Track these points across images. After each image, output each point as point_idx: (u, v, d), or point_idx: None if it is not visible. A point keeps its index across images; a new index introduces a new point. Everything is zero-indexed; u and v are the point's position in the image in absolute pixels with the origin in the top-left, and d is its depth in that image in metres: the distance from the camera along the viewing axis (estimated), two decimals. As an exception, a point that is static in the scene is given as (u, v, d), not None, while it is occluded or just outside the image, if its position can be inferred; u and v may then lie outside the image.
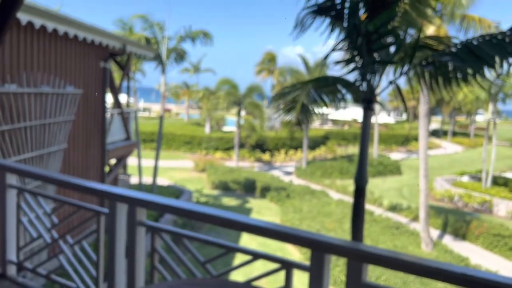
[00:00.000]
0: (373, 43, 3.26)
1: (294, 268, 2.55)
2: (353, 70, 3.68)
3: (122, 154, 12.80)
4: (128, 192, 3.19)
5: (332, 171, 28.90)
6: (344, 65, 3.73)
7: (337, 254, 2.37)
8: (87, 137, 10.43)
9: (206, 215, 2.87)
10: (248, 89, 26.55)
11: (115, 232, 3.22)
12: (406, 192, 27.06)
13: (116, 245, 3.23)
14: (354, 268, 2.27)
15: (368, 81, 3.40)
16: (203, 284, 2.47)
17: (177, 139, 33.11)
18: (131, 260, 3.15)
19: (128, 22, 16.27)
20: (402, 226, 17.20)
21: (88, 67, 10.24)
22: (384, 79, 3.73)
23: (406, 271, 2.21)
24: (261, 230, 2.56)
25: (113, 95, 12.06)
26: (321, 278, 2.36)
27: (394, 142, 44.44)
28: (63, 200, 3.63)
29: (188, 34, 16.12)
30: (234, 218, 2.67)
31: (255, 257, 2.70)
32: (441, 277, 2.07)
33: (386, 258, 2.22)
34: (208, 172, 25.09)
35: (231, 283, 2.55)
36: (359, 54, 3.36)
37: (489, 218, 20.34)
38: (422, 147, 16.08)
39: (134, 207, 3.11)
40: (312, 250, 2.40)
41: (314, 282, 2.39)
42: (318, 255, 2.37)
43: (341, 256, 2.38)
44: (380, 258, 2.22)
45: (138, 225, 3.11)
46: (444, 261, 2.02)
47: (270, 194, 20.41)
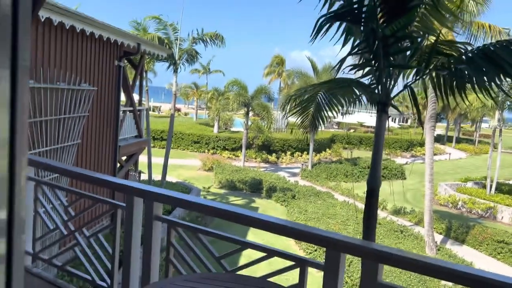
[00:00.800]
0: (389, 47, 3.32)
1: (308, 266, 2.61)
2: (368, 73, 3.75)
3: (133, 151, 12.93)
4: (146, 186, 3.27)
5: (337, 174, 28.93)
6: (359, 68, 3.79)
7: (352, 254, 2.42)
8: (100, 133, 10.56)
9: (221, 211, 2.94)
10: (256, 91, 26.65)
11: (131, 226, 3.30)
12: (410, 196, 27.02)
13: (132, 238, 3.30)
14: (369, 267, 2.32)
15: (384, 85, 3.45)
16: (219, 278, 2.55)
17: (186, 138, 33.29)
18: (147, 253, 3.22)
19: (142, 22, 16.49)
20: (406, 230, 17.20)
21: (103, 65, 10.37)
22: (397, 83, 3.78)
23: (422, 273, 2.26)
24: (276, 227, 2.62)
25: (126, 93, 12.18)
26: (336, 277, 2.41)
27: (399, 147, 44.41)
28: (81, 193, 3.72)
29: (200, 36, 16.28)
30: (250, 214, 2.73)
31: (270, 254, 2.76)
32: (458, 280, 2.10)
33: (401, 259, 2.27)
34: (215, 171, 25.21)
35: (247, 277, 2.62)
36: (375, 57, 3.42)
37: (493, 224, 20.27)
38: (428, 152, 16.07)
39: (151, 202, 3.18)
40: (327, 249, 2.46)
41: (329, 280, 2.44)
42: (333, 253, 2.42)
43: (356, 255, 2.44)
44: (395, 258, 2.27)
45: (155, 219, 3.18)
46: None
47: (276, 194, 20.48)
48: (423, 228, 18.33)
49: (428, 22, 3.29)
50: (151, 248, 3.22)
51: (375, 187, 3.63)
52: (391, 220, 18.08)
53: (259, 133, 31.07)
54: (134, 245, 3.34)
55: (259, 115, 27.87)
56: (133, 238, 3.32)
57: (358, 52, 3.65)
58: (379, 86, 3.52)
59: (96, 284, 3.64)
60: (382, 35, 3.22)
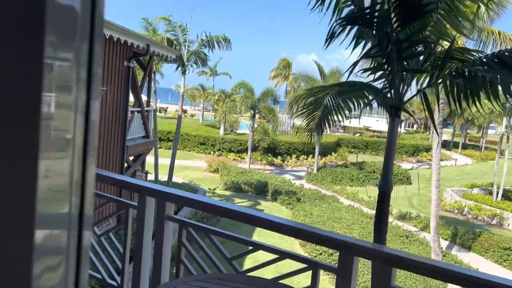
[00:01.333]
0: (403, 51, 3.33)
1: (320, 268, 2.62)
2: (380, 77, 3.75)
3: (140, 151, 13.00)
4: (158, 186, 3.29)
5: (343, 178, 28.89)
6: (371, 72, 3.80)
7: (365, 257, 2.44)
8: (109, 133, 10.64)
9: (234, 212, 2.96)
10: (263, 93, 26.70)
11: (143, 225, 3.32)
12: (415, 201, 26.93)
13: (144, 237, 3.33)
14: (381, 271, 2.32)
15: (397, 89, 3.46)
16: (231, 279, 2.57)
17: (192, 140, 33.40)
18: (158, 252, 3.24)
19: (153, 23, 16.56)
20: (412, 235, 17.14)
21: (112, 65, 10.45)
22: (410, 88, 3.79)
23: (433, 277, 2.26)
24: (292, 230, 2.64)
25: (134, 93, 12.26)
26: (348, 280, 2.41)
27: (405, 152, 44.28)
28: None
29: (209, 38, 16.35)
30: (264, 217, 2.74)
31: (282, 256, 2.78)
32: (469, 284, 2.10)
33: (414, 262, 2.28)
34: (221, 172, 25.26)
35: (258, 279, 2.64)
36: (388, 61, 3.43)
37: (500, 231, 20.15)
38: (435, 158, 16.02)
39: (163, 202, 3.20)
40: (340, 252, 2.47)
41: (341, 283, 2.45)
42: (346, 257, 2.43)
43: (369, 259, 2.45)
44: (407, 261, 2.27)
45: (167, 219, 3.21)
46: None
47: (281, 197, 20.48)
48: (429, 233, 18.28)
49: (442, 27, 3.30)
50: (162, 248, 3.24)
51: (386, 191, 3.64)
52: (396, 225, 18.02)
53: (265, 136, 31.12)
54: (146, 244, 3.36)
55: (265, 117, 27.91)
56: (144, 237, 3.34)
57: (371, 56, 3.67)
58: (391, 90, 3.54)
59: (105, 283, 3.67)
60: (396, 39, 3.23)
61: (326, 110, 4.25)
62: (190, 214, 14.03)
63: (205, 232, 3.08)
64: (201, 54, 16.71)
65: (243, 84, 26.74)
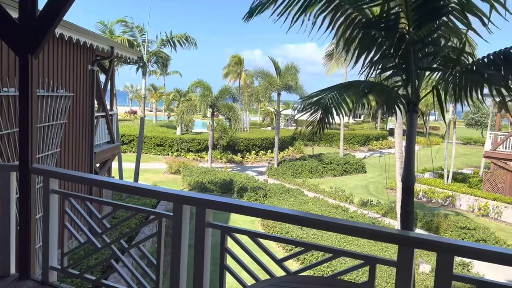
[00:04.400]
0: (418, 51, 3.52)
1: (378, 263, 2.72)
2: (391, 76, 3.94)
3: (107, 157, 12.60)
4: (195, 194, 3.27)
5: (302, 170, 29.47)
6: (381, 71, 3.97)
7: (426, 249, 2.57)
8: (77, 140, 10.23)
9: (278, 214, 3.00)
10: (220, 91, 26.61)
11: (180, 234, 3.27)
12: (372, 189, 27.98)
13: (181, 246, 3.28)
14: (443, 261, 2.46)
15: (413, 86, 3.65)
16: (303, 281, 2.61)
17: (148, 141, 32.65)
18: (199, 261, 3.20)
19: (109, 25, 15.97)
20: (378, 222, 17.86)
21: (76, 69, 10.04)
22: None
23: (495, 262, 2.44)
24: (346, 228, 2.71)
25: (98, 98, 11.84)
26: (409, 273, 2.53)
27: (357, 142, 45.87)
28: (119, 205, 3.65)
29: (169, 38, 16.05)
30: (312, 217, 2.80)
31: (336, 255, 2.86)
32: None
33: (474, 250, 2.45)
34: (183, 173, 24.95)
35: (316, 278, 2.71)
36: (404, 61, 3.61)
37: (454, 212, 21.50)
38: (398, 146, 16.77)
39: (203, 209, 3.18)
40: (399, 246, 2.59)
41: (402, 276, 2.56)
42: (405, 250, 2.55)
43: (431, 250, 2.58)
44: (469, 250, 2.44)
45: (207, 226, 3.19)
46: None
47: (248, 193, 20.59)
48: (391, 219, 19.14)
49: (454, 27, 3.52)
50: (203, 256, 3.22)
51: (410, 184, 3.82)
52: (361, 213, 18.69)
53: (223, 134, 31.05)
54: (183, 253, 3.32)
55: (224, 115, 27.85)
56: (182, 246, 3.30)
57: (383, 56, 3.83)
58: (408, 88, 3.72)
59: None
60: (412, 41, 3.41)
61: (327, 109, 4.37)
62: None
63: (251, 236, 3.09)
64: (162, 54, 16.39)
65: (200, 83, 26.50)
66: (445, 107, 3.81)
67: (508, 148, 23.21)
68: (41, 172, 3.82)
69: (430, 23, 3.45)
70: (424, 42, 3.55)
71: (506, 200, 21.16)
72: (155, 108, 52.18)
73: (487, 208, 21.39)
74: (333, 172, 30.92)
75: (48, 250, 3.85)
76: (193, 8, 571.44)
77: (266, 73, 28.58)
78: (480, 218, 20.95)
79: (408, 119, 3.81)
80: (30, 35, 3.61)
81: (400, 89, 4.36)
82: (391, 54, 3.74)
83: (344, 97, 4.23)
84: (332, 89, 4.34)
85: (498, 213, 21.03)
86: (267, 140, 35.21)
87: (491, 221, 20.79)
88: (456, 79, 3.54)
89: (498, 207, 21.06)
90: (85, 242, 3.75)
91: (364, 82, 4.13)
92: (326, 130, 4.99)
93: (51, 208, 3.81)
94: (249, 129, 40.01)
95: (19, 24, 3.57)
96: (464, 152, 46.14)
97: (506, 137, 23.24)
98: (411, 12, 3.35)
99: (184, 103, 29.03)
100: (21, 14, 3.54)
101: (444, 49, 3.62)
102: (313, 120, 4.71)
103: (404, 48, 3.59)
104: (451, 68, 3.49)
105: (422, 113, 4.41)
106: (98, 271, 7.55)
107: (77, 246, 3.86)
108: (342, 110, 4.32)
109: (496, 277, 11.89)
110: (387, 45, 3.71)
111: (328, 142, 45.06)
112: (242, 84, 45.07)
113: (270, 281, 2.44)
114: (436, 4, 3.29)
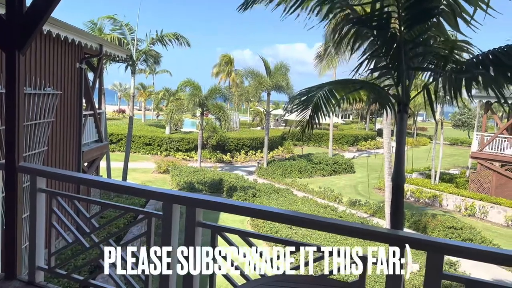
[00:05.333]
0: (409, 51, 3.54)
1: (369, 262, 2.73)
2: (381, 75, 3.96)
3: (95, 156, 12.48)
4: (186, 193, 3.25)
5: (292, 170, 29.53)
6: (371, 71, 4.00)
7: (417, 248, 2.59)
8: (64, 139, 10.11)
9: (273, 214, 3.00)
10: (210, 91, 26.52)
11: (170, 234, 3.25)
12: (361, 188, 28.15)
13: (171, 247, 3.25)
14: (434, 260, 2.47)
15: (403, 86, 3.67)
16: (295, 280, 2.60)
17: (137, 141, 32.39)
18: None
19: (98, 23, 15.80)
20: (366, 221, 17.98)
21: (65, 67, 9.93)
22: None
23: (485, 261, 2.46)
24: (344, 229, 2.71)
25: (86, 96, 11.73)
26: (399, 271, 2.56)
27: (345, 142, 46.11)
28: (107, 204, 3.61)
29: (159, 37, 15.93)
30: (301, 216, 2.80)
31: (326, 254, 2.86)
32: None
33: (464, 249, 2.47)
34: (172, 173, 24.82)
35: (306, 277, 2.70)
36: (395, 61, 3.63)
37: (441, 211, 21.74)
38: (386, 146, 16.89)
39: (193, 208, 3.16)
40: (390, 245, 2.60)
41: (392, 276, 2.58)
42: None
43: (422, 249, 2.60)
44: (459, 249, 2.45)
45: (197, 225, 3.17)
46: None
47: (237, 193, 20.56)
48: (379, 218, 19.27)
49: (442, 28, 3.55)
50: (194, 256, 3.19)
51: (400, 183, 3.85)
52: (350, 213, 18.79)
53: (213, 133, 30.96)
54: (173, 253, 3.29)
55: (214, 115, 27.76)
56: (172, 246, 3.27)
57: (375, 56, 3.85)
58: (398, 87, 3.74)
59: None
60: (403, 40, 3.44)
61: (317, 107, 4.37)
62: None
63: (241, 235, 3.08)
64: (152, 52, 16.26)
65: (189, 82, 26.36)
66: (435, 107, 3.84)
67: (494, 149, 23.53)
68: (28, 170, 3.77)
69: (421, 23, 3.47)
70: (415, 42, 3.58)
71: (492, 200, 21.45)
72: (144, 107, 51.83)
73: (473, 208, 21.66)
74: (322, 172, 31.03)
75: (35, 249, 3.80)
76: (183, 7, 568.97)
77: (256, 72, 28.57)
78: (467, 218, 21.21)
79: (399, 119, 3.84)
80: (17, 32, 3.55)
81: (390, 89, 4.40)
82: (383, 53, 3.77)
83: (334, 93, 4.26)
84: (322, 86, 4.35)
85: (484, 213, 21.31)
86: (256, 140, 35.21)
87: (477, 221, 21.07)
88: (446, 79, 3.57)
89: (484, 207, 21.34)
90: (73, 242, 3.71)
91: (355, 80, 4.14)
92: (315, 130, 5.00)
93: (38, 207, 3.75)
94: (238, 129, 39.97)
95: (6, 20, 3.51)
96: (451, 152, 46.70)
97: (492, 138, 23.56)
98: (403, 12, 3.37)
99: (173, 102, 28.90)
100: (8, 10, 3.48)
101: (434, 49, 3.65)
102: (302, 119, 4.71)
103: (396, 47, 3.62)
104: (442, 67, 3.52)
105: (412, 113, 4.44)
106: (86, 271, 7.46)
107: (64, 245, 3.81)
108: (331, 105, 4.34)
109: (481, 276, 12.05)
110: (379, 44, 3.73)
111: (318, 142, 45.22)
112: (232, 83, 45.05)
113: (261, 280, 2.43)
114: (428, 5, 3.32)
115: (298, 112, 4.59)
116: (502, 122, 26.62)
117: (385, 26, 3.52)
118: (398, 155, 3.88)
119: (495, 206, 21.10)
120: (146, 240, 3.45)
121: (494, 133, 24.54)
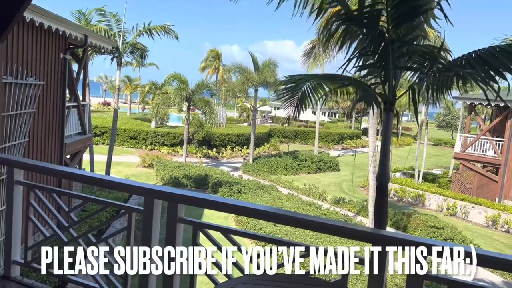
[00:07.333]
0: (396, 50, 3.54)
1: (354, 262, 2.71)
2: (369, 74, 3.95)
3: (78, 148, 12.27)
4: (168, 188, 3.19)
5: (277, 167, 29.57)
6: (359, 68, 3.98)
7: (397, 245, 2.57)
8: (47, 131, 9.91)
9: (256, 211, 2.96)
10: (197, 85, 26.33)
11: (151, 229, 3.18)
12: (345, 187, 28.33)
13: (152, 242, 3.20)
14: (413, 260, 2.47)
15: (390, 85, 3.67)
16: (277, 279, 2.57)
17: (122, 134, 32.01)
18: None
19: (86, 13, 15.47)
20: (350, 219, 18.08)
21: (48, 57, 9.72)
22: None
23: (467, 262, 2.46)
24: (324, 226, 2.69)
25: (70, 87, 11.51)
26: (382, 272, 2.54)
27: (331, 140, 46.32)
28: (88, 198, 3.52)
29: (146, 29, 15.71)
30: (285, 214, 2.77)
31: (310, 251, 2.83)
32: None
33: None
34: (156, 167, 24.61)
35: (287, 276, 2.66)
36: (382, 59, 3.62)
37: (423, 211, 22.00)
38: (371, 145, 17.01)
39: (175, 204, 3.10)
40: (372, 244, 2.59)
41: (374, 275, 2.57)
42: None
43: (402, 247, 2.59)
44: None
45: (179, 221, 3.11)
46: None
47: (222, 189, 20.49)
48: (363, 217, 19.43)
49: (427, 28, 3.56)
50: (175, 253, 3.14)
51: (384, 183, 3.85)
52: (334, 211, 18.89)
53: (199, 128, 30.78)
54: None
55: (200, 109, 27.58)
56: (152, 242, 3.22)
57: (363, 54, 3.82)
58: (385, 86, 3.73)
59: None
60: (391, 39, 3.42)
61: (303, 97, 4.36)
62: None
63: (223, 232, 3.03)
64: (139, 45, 16.04)
65: (177, 76, 26.12)
66: (418, 107, 3.84)
67: (476, 150, 23.88)
68: (5, 162, 3.66)
69: (409, 22, 3.46)
70: (402, 41, 3.57)
71: (473, 201, 21.80)
72: (130, 100, 51.26)
73: (455, 208, 21.97)
74: (308, 169, 31.13)
75: (11, 243, 3.70)
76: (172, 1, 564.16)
77: (244, 68, 28.45)
78: (448, 218, 21.51)
79: (385, 118, 3.83)
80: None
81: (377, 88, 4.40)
82: (371, 52, 3.75)
83: (322, 85, 4.24)
84: (310, 77, 4.32)
85: (465, 213, 21.64)
86: (243, 136, 35.13)
87: (459, 220, 21.39)
88: (431, 79, 3.58)
89: (466, 207, 21.67)
90: (51, 236, 3.62)
91: (344, 76, 4.13)
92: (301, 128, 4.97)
93: (15, 200, 3.65)
94: (225, 125, 39.82)
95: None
96: (435, 153, 47.34)
97: (475, 139, 23.91)
98: (391, 10, 3.35)
99: (159, 96, 28.62)
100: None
101: (420, 49, 3.65)
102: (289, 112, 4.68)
103: (383, 46, 3.60)
104: (428, 67, 3.52)
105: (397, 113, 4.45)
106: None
107: (42, 240, 3.71)
108: (319, 95, 4.32)
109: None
110: (367, 43, 3.71)
111: (303, 139, 45.34)
112: (219, 78, 44.87)
113: (243, 278, 2.38)
114: (415, 3, 3.31)
115: (286, 98, 4.54)
116: (485, 124, 27.02)
117: (374, 24, 3.50)
118: (383, 155, 3.87)
119: (476, 207, 21.44)
120: (126, 236, 3.39)
121: (477, 135, 24.91)
